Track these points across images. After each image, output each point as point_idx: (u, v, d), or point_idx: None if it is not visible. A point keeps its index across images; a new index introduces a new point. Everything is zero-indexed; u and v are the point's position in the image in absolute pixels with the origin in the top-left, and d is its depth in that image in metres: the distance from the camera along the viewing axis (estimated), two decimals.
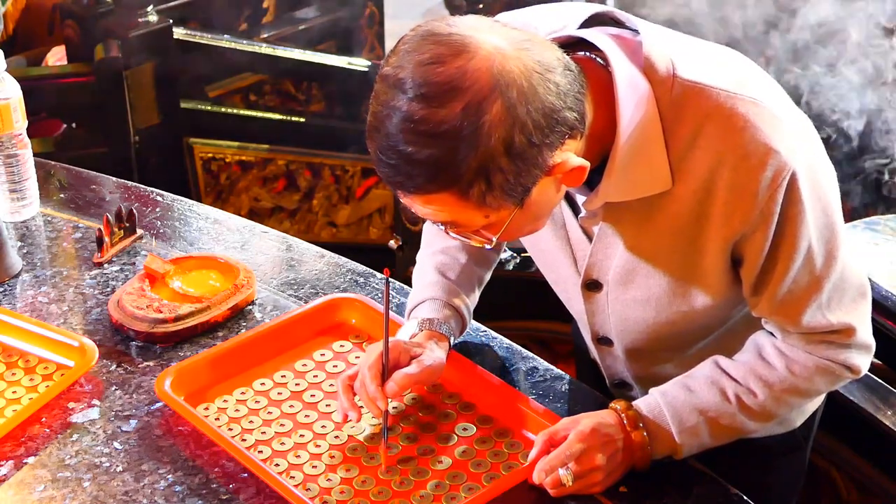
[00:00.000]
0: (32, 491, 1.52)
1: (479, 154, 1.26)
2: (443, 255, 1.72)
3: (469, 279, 1.72)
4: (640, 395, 1.69)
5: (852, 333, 1.50)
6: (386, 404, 1.54)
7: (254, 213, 3.57)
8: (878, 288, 2.17)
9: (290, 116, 3.54)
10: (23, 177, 2.07)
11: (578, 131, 1.34)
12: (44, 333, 1.75)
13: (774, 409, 1.52)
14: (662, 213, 1.43)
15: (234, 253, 2.00)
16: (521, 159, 1.28)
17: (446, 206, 1.32)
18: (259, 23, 3.77)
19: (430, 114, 1.25)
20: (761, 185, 1.37)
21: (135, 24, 3.26)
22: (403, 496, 1.50)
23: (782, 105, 1.42)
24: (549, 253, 1.60)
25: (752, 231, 1.40)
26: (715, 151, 1.37)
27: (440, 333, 1.64)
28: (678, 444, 1.51)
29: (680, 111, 1.38)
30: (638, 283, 1.52)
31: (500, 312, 2.69)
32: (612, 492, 1.51)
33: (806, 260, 1.43)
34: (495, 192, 1.30)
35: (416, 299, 1.70)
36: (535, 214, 1.39)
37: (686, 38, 1.47)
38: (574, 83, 1.32)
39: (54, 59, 3.53)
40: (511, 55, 1.27)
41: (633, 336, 1.60)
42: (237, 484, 1.53)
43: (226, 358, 1.71)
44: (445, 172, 1.27)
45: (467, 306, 1.71)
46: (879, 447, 2.15)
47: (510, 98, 1.25)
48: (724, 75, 1.40)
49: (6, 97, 2.00)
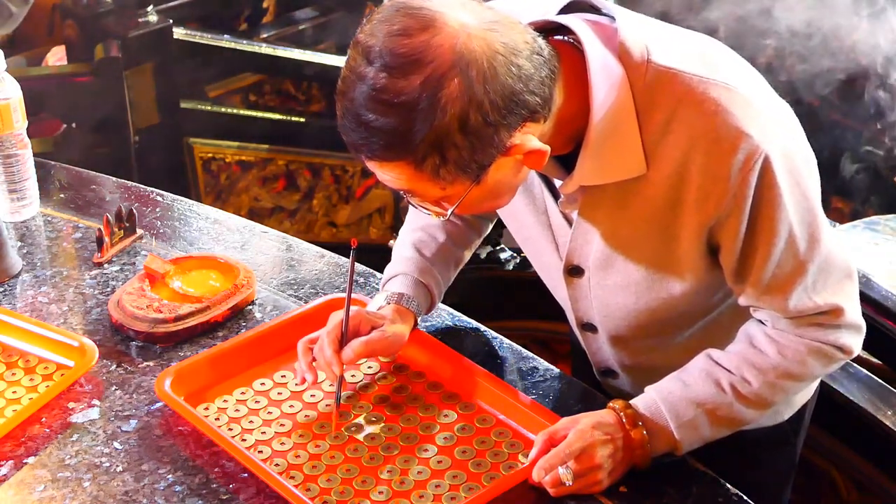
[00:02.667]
0: (32, 491, 1.52)
1: (433, 128, 1.28)
2: (421, 232, 1.76)
3: (445, 258, 1.76)
4: (627, 383, 1.72)
5: (841, 314, 1.50)
6: (341, 370, 1.59)
7: (254, 213, 3.57)
8: (877, 288, 2.17)
9: (290, 116, 3.55)
10: (23, 177, 2.07)
11: (541, 115, 1.35)
12: (44, 333, 1.75)
13: (770, 395, 1.52)
14: (638, 197, 1.45)
15: (234, 253, 2.00)
16: (475, 137, 1.30)
17: (402, 174, 1.34)
18: (259, 23, 3.77)
19: (391, 84, 1.28)
20: (733, 168, 1.38)
21: (135, 24, 3.26)
22: (403, 496, 1.50)
23: (756, 90, 1.44)
24: (533, 239, 1.62)
25: (727, 216, 1.41)
26: (687, 136, 1.39)
27: (406, 308, 1.69)
28: (677, 439, 1.52)
29: (653, 96, 1.39)
30: (617, 269, 1.53)
31: (500, 312, 2.70)
32: (612, 491, 1.51)
33: (788, 244, 1.44)
34: (449, 167, 1.32)
35: (389, 273, 1.75)
36: (495, 192, 1.41)
37: (662, 24, 1.49)
38: (541, 67, 1.33)
39: (54, 59, 3.53)
40: (476, 34, 1.29)
41: (616, 322, 1.61)
42: (237, 484, 1.53)
43: (226, 358, 1.71)
44: (401, 142, 1.30)
45: (438, 284, 1.75)
46: (879, 447, 2.15)
47: (469, 76, 1.28)
48: (697, 61, 1.41)
49: (6, 97, 2.00)
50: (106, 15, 3.26)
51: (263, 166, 3.54)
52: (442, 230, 1.76)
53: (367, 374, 1.72)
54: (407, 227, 1.79)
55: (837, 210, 3.42)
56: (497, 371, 1.72)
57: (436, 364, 1.71)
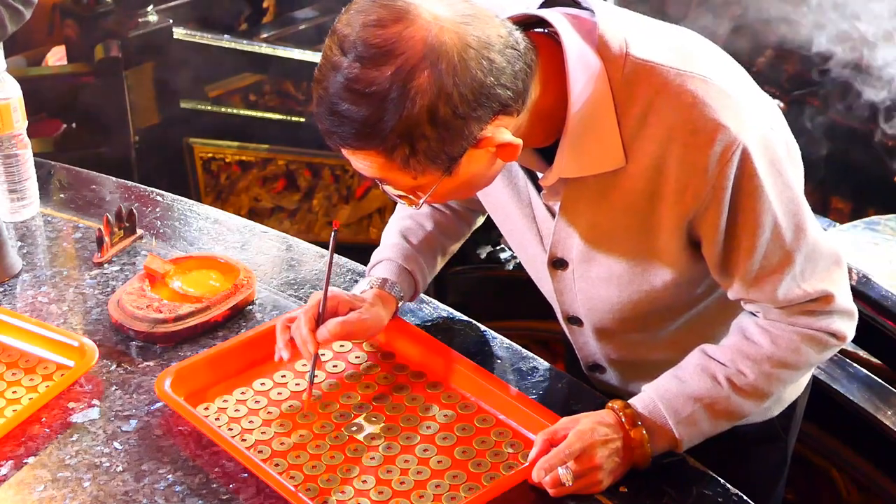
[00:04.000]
0: (32, 491, 1.52)
1: (403, 118, 1.30)
2: (409, 220, 1.79)
3: (431, 246, 1.78)
4: (615, 378, 1.73)
5: (831, 300, 1.51)
6: (315, 348, 1.60)
7: (254, 213, 3.57)
8: (877, 288, 2.17)
9: (290, 116, 3.55)
10: (23, 177, 2.07)
11: (514, 109, 1.36)
12: (44, 333, 1.75)
13: (766, 386, 1.53)
14: (618, 190, 1.46)
15: (234, 253, 2.00)
16: (444, 129, 1.32)
17: (374, 163, 1.36)
18: (259, 23, 3.77)
19: (363, 74, 1.29)
20: (711, 160, 1.39)
21: (135, 24, 3.27)
22: (403, 496, 1.50)
23: (735, 83, 1.45)
24: (519, 232, 1.63)
25: (706, 208, 1.42)
26: (665, 129, 1.40)
27: (388, 294, 1.71)
28: (677, 436, 1.52)
29: (632, 89, 1.40)
30: (600, 261, 1.54)
31: (500, 312, 2.69)
32: (613, 492, 1.51)
33: (773, 234, 1.44)
34: (419, 157, 1.34)
35: (374, 258, 1.78)
36: (467, 183, 1.42)
37: (642, 18, 1.50)
38: (515, 61, 1.34)
39: (54, 59, 3.53)
40: (449, 27, 1.30)
41: (601, 315, 1.62)
42: (237, 484, 1.53)
43: (226, 358, 1.71)
44: (371, 132, 1.31)
45: (423, 272, 1.77)
46: (879, 447, 2.15)
47: (439, 69, 1.29)
48: (675, 54, 1.42)
49: (6, 97, 2.00)
50: (106, 15, 3.27)
51: (263, 166, 3.54)
52: (430, 219, 1.78)
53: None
54: (396, 214, 1.82)
55: (837, 210, 3.42)
56: (497, 371, 1.72)
57: (436, 364, 1.71)
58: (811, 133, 3.19)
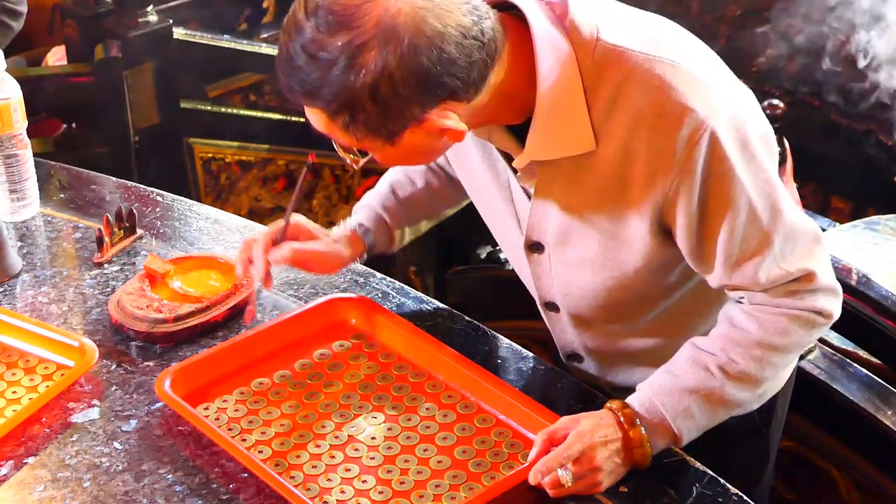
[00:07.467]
0: (32, 491, 1.52)
1: (345, 89, 1.34)
2: (402, 175, 1.84)
3: (416, 204, 1.83)
4: (593, 367, 1.74)
5: (813, 278, 1.51)
6: (265, 266, 1.67)
7: (254, 213, 3.57)
8: (877, 288, 2.17)
9: (290, 116, 3.54)
10: (23, 177, 2.07)
11: (464, 97, 1.38)
12: (44, 333, 1.75)
13: (758, 372, 1.53)
14: (589, 173, 1.47)
15: (234, 253, 1.99)
16: (384, 106, 1.35)
17: (319, 120, 1.41)
18: (259, 23, 3.77)
19: (319, 38, 1.34)
20: (678, 143, 1.40)
21: (135, 24, 3.26)
22: (403, 496, 1.50)
23: (706, 68, 1.46)
24: (498, 216, 1.65)
25: (675, 192, 1.43)
26: (633, 112, 1.41)
27: (359, 238, 1.80)
28: (676, 431, 1.52)
29: (601, 73, 1.42)
30: (574, 244, 1.55)
31: (500, 312, 2.69)
32: (613, 492, 1.51)
33: (749, 217, 1.45)
34: (359, 126, 1.38)
35: (359, 203, 1.85)
36: (413, 153, 1.46)
37: (616, 4, 1.52)
38: (473, 52, 1.36)
39: (54, 59, 3.53)
40: (407, 11, 1.32)
41: (577, 301, 1.63)
42: (237, 484, 1.53)
43: (226, 358, 1.71)
44: (316, 93, 1.37)
45: (401, 226, 1.83)
46: (879, 447, 2.15)
47: (385, 51, 1.32)
48: (646, 40, 1.44)
49: (6, 97, 2.00)
50: (106, 15, 3.26)
51: (263, 166, 3.54)
52: (422, 177, 1.83)
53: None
54: (392, 169, 1.86)
55: (837, 210, 3.43)
56: (497, 371, 1.72)
57: (436, 364, 1.71)
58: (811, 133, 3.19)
